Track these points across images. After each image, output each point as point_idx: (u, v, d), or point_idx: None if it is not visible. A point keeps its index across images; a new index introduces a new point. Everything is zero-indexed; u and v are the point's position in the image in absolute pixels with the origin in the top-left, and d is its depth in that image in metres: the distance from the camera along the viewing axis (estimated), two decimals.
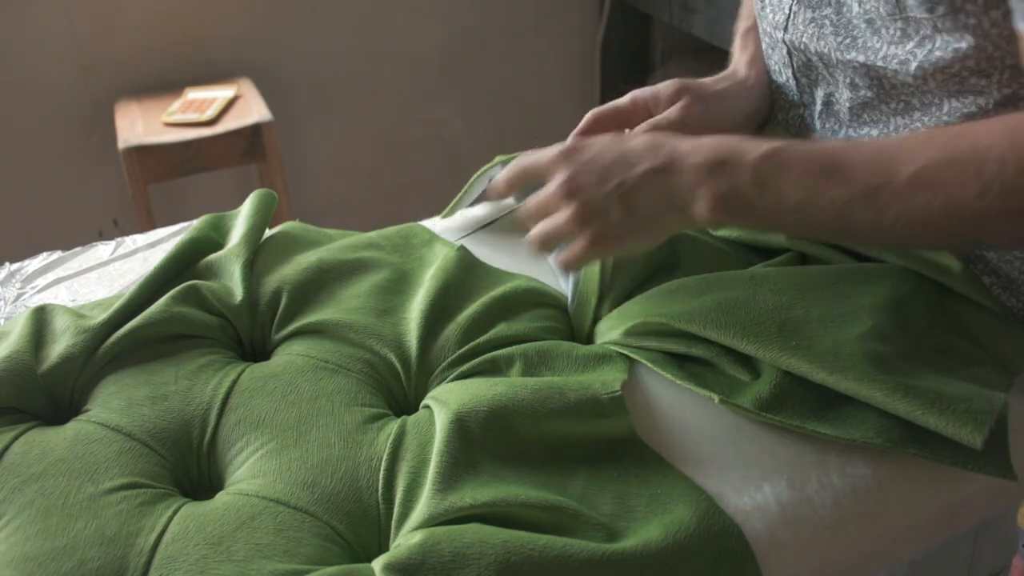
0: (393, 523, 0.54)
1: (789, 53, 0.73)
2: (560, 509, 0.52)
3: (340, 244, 0.77)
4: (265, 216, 0.78)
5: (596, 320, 0.70)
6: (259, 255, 0.75)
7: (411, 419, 0.60)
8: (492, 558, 0.49)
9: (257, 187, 0.83)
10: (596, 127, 0.74)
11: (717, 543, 0.52)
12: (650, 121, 0.73)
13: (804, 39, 0.69)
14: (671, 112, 0.72)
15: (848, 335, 0.60)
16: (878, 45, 0.63)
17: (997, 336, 0.64)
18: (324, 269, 0.73)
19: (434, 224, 0.85)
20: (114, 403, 0.62)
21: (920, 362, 0.60)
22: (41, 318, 0.68)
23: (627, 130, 0.74)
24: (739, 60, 0.81)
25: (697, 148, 0.59)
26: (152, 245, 0.86)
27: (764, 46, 0.78)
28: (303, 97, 2.02)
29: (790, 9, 0.71)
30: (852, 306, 0.64)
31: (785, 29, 0.71)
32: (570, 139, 0.74)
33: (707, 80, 0.77)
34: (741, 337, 0.61)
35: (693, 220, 0.59)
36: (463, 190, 0.85)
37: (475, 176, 0.85)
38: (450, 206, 0.86)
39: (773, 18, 0.73)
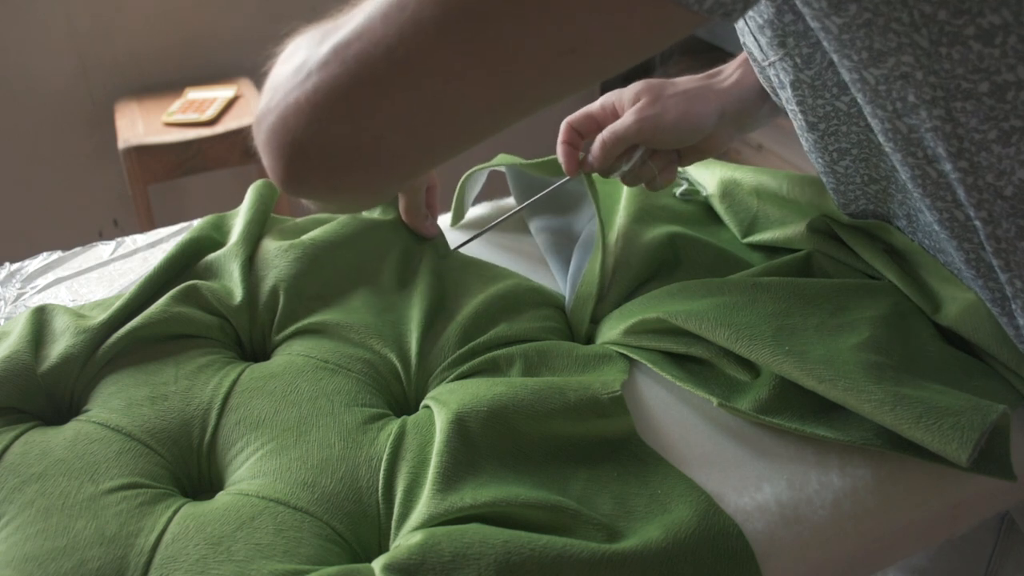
0: (393, 523, 0.54)
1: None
2: (560, 509, 0.52)
3: (324, 228, 0.76)
4: (263, 210, 0.77)
5: (595, 320, 0.70)
6: (257, 251, 0.74)
7: (411, 419, 0.60)
8: (492, 558, 0.49)
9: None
10: (573, 135, 0.74)
11: (717, 543, 0.52)
12: (609, 127, 0.71)
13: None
14: (627, 116, 0.70)
15: (843, 344, 0.60)
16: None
17: (1005, 354, 0.62)
18: (314, 255, 0.72)
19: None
20: (114, 403, 0.62)
21: (918, 373, 0.60)
22: (41, 318, 0.68)
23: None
24: (734, 60, 0.78)
25: None
26: (152, 245, 0.85)
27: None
28: None
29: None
30: (851, 317, 0.63)
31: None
32: (559, 148, 0.74)
33: (680, 79, 0.74)
34: (736, 339, 0.61)
35: None
36: (457, 190, 0.85)
37: (467, 174, 0.85)
38: (453, 210, 0.86)
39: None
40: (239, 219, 0.77)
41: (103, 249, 0.85)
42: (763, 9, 0.59)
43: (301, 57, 0.43)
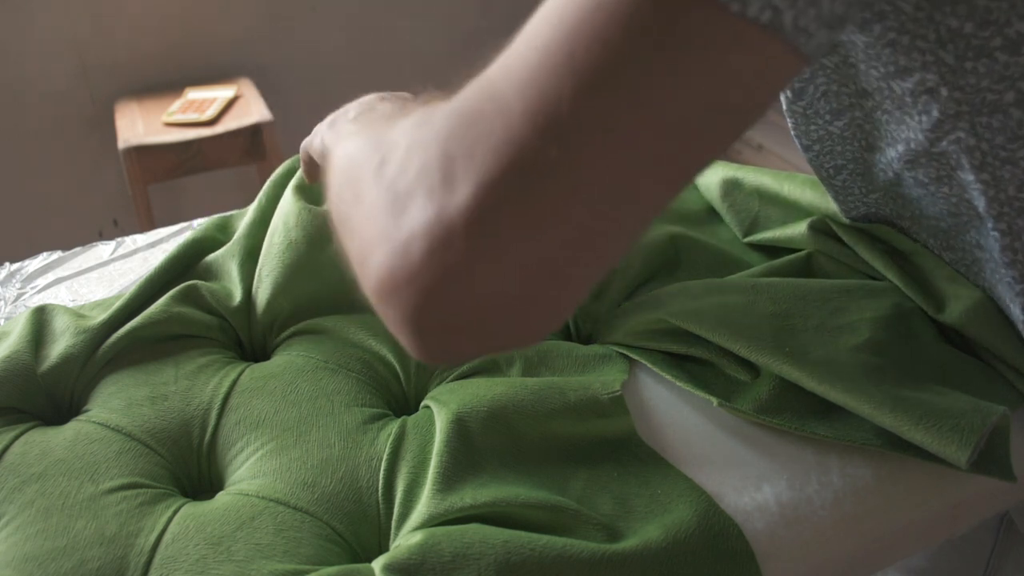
0: (393, 523, 0.54)
1: None
2: (560, 509, 0.52)
3: (320, 223, 0.74)
4: (270, 206, 0.76)
5: (595, 320, 0.70)
6: (262, 248, 0.74)
7: (411, 419, 0.60)
8: (492, 558, 0.49)
9: (257, 187, 0.82)
10: None
11: (717, 543, 0.52)
12: None
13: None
14: None
15: (843, 345, 0.60)
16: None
17: (1010, 352, 0.62)
18: (312, 252, 0.71)
19: None
20: (114, 403, 0.62)
21: (919, 375, 0.60)
22: (41, 318, 0.68)
23: None
24: None
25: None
26: (152, 245, 0.86)
27: None
28: (303, 97, 2.02)
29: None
30: (851, 318, 0.63)
31: None
32: None
33: None
34: (736, 339, 0.61)
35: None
36: None
37: None
38: None
39: None
40: (246, 216, 0.77)
41: (103, 249, 0.85)
42: None
43: (430, 208, 0.34)
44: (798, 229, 0.73)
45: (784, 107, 0.63)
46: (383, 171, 0.37)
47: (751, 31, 0.33)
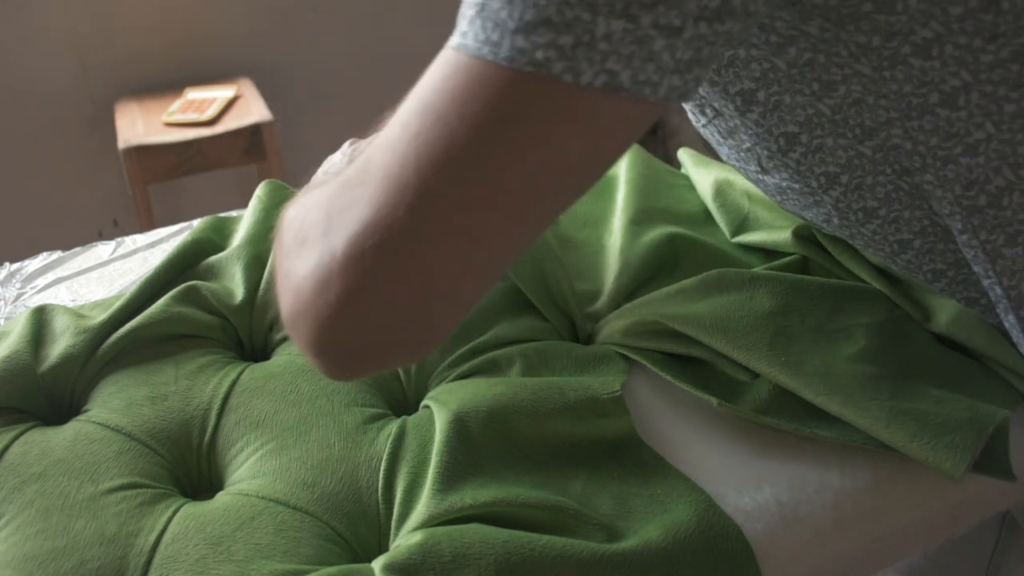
0: (393, 523, 0.54)
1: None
2: (560, 509, 0.52)
3: None
4: (270, 209, 0.77)
5: (595, 320, 0.70)
6: (262, 251, 0.74)
7: (411, 419, 0.60)
8: (492, 558, 0.49)
9: (257, 187, 0.82)
10: None
11: (717, 543, 0.52)
12: None
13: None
14: None
15: (838, 355, 0.60)
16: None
17: (1003, 355, 0.62)
18: None
19: None
20: (114, 403, 0.62)
21: (916, 379, 0.60)
22: (41, 318, 0.68)
23: None
24: None
25: None
26: (152, 245, 0.86)
27: None
28: (303, 97, 2.02)
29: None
30: (847, 323, 0.63)
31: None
32: None
33: None
34: (733, 346, 0.61)
35: None
36: None
37: None
38: None
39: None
40: (244, 220, 0.77)
41: (103, 249, 0.85)
42: None
43: (315, 255, 0.41)
44: (783, 235, 0.73)
45: (715, 140, 0.64)
46: (291, 224, 0.45)
47: (588, 96, 0.37)
